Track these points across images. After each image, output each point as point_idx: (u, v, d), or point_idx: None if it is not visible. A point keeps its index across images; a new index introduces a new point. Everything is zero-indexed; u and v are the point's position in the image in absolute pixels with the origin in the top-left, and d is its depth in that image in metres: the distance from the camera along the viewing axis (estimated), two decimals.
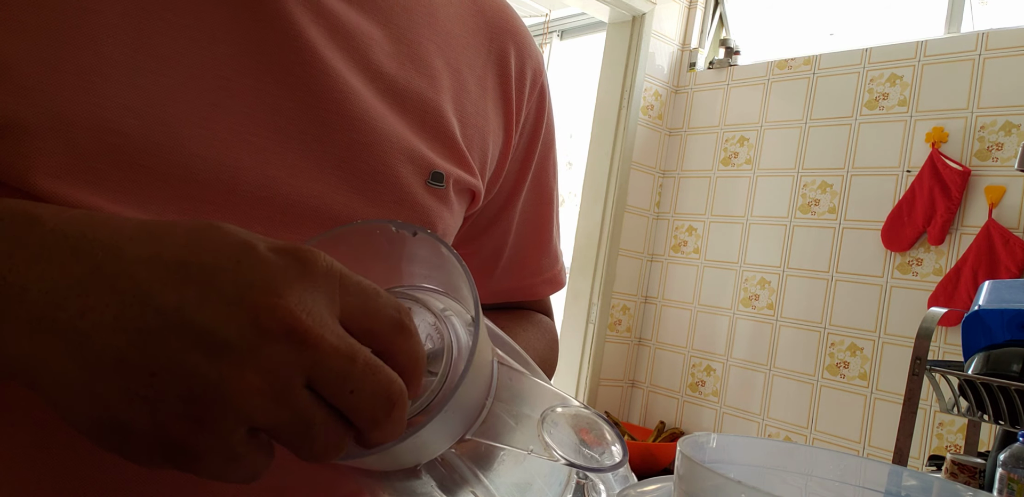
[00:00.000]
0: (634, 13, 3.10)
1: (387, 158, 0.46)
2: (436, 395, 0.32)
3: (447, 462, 0.33)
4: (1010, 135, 2.24)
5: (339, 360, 0.26)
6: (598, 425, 0.33)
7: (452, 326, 0.34)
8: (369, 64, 0.46)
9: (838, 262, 2.59)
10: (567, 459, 0.32)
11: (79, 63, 0.36)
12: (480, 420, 0.33)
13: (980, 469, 1.28)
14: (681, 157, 3.19)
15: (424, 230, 0.34)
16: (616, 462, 0.33)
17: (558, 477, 0.38)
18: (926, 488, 0.37)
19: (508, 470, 0.36)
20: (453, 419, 0.31)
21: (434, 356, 0.33)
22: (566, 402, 0.33)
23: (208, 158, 0.39)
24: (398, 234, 0.35)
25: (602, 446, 0.33)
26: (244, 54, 0.41)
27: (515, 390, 0.34)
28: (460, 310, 0.36)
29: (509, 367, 0.35)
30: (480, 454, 0.34)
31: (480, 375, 0.32)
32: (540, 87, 0.61)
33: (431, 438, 0.31)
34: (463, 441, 0.33)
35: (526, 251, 0.64)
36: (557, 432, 0.33)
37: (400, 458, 0.32)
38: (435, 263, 0.35)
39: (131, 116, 0.37)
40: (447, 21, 0.53)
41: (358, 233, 0.35)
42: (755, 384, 2.77)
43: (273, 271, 0.27)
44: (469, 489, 0.34)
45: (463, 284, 0.34)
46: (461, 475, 0.33)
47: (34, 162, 0.35)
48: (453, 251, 0.33)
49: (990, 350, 1.18)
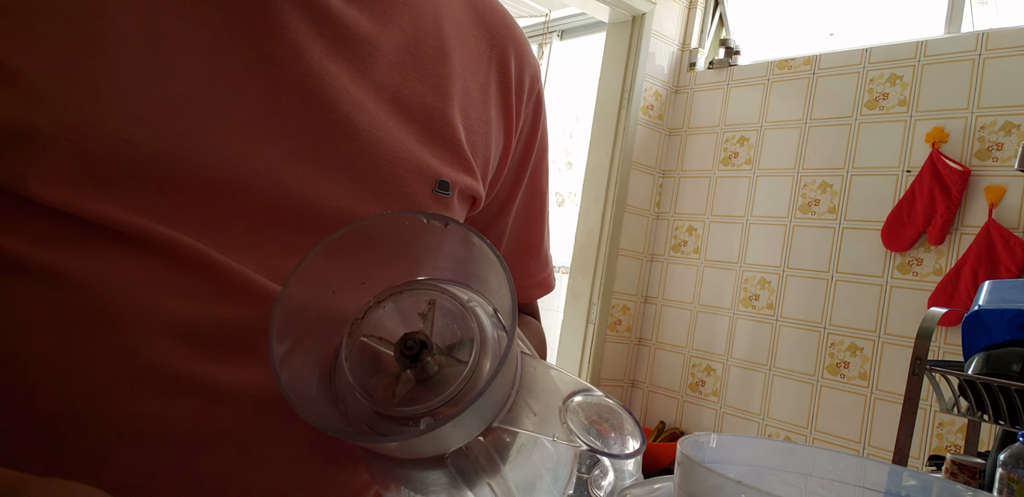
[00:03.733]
0: (634, 13, 3.10)
1: (394, 168, 0.46)
2: (466, 383, 0.32)
3: (472, 451, 0.33)
4: (1010, 135, 2.24)
5: None
6: (618, 414, 0.34)
7: (477, 317, 0.34)
8: (373, 75, 0.47)
9: (838, 262, 2.59)
10: (589, 445, 0.32)
11: (91, 72, 0.36)
12: (507, 409, 0.33)
13: (980, 469, 1.28)
14: (681, 157, 3.19)
15: (456, 221, 0.34)
16: (634, 450, 0.33)
17: (562, 472, 0.39)
18: (926, 488, 0.37)
19: (520, 464, 0.36)
20: (485, 407, 0.32)
21: (460, 346, 0.33)
22: (589, 391, 0.34)
23: (219, 167, 0.39)
24: (429, 225, 0.35)
25: (621, 435, 0.34)
26: (254, 64, 0.41)
27: (538, 379, 0.35)
28: (483, 302, 0.36)
29: (531, 357, 0.35)
30: (501, 443, 0.35)
31: (510, 365, 0.33)
32: (537, 93, 0.61)
33: (463, 426, 0.32)
34: (490, 430, 0.33)
35: (518, 255, 0.64)
36: (578, 420, 0.33)
37: (429, 445, 0.32)
38: (461, 255, 0.36)
39: (142, 126, 0.37)
40: (450, 29, 0.53)
41: (385, 224, 0.36)
42: (755, 384, 2.77)
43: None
44: (487, 480, 0.34)
45: (492, 274, 0.34)
46: (482, 464, 0.34)
47: (45, 170, 0.35)
48: (486, 240, 0.34)
49: (990, 350, 1.18)
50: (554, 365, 0.36)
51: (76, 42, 0.35)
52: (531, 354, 0.36)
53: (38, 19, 0.35)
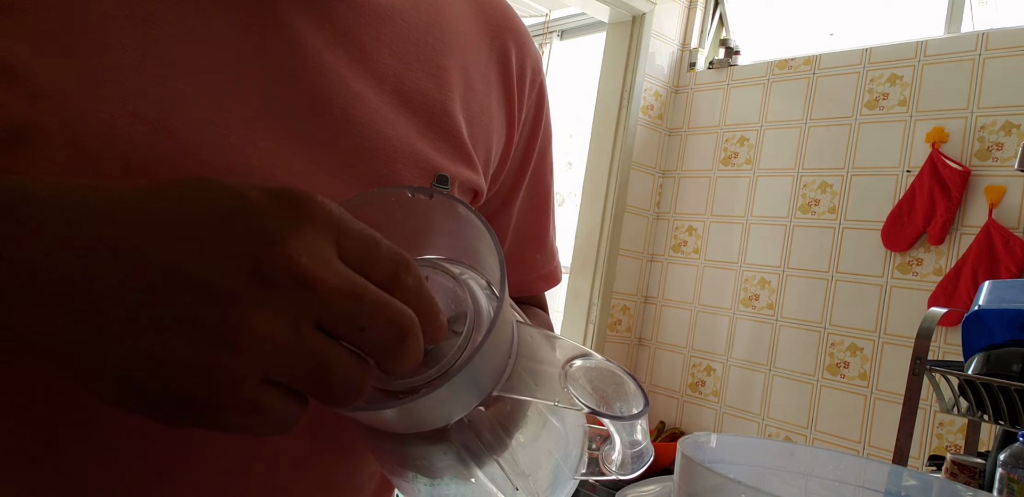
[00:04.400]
0: (634, 13, 3.10)
1: (391, 162, 0.46)
2: (462, 353, 0.32)
3: (474, 424, 0.33)
4: (1010, 135, 2.24)
5: (345, 300, 0.27)
6: (620, 377, 0.34)
7: (471, 289, 0.34)
8: (375, 67, 0.46)
9: (838, 262, 2.59)
10: (590, 407, 0.32)
11: (88, 70, 0.36)
12: (505, 376, 0.33)
13: (980, 469, 1.28)
14: (681, 157, 3.19)
15: (440, 192, 0.34)
16: (638, 412, 0.33)
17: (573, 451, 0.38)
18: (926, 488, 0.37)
19: (527, 443, 0.36)
20: (480, 373, 0.32)
21: (455, 319, 0.33)
22: (588, 355, 0.34)
23: (217, 164, 0.39)
24: (414, 199, 0.35)
25: (624, 397, 0.34)
26: (251, 59, 0.41)
27: (536, 346, 0.35)
28: (476, 276, 0.36)
29: (528, 325, 0.35)
30: (506, 416, 0.34)
31: (504, 331, 0.32)
32: (539, 85, 0.61)
33: (459, 392, 0.31)
34: (490, 400, 0.33)
35: (524, 248, 0.64)
36: (579, 384, 0.33)
37: (429, 414, 0.32)
38: (451, 229, 0.36)
39: (140, 122, 0.37)
40: (451, 20, 0.53)
41: (372, 203, 0.35)
42: (755, 384, 2.77)
43: (268, 218, 0.27)
44: (495, 457, 0.34)
45: (483, 244, 0.34)
46: (487, 439, 0.33)
47: (43, 168, 0.35)
48: (472, 210, 0.34)
49: (990, 350, 1.18)
50: (552, 332, 0.36)
51: (74, 40, 0.35)
52: (527, 322, 0.36)
53: (36, 17, 0.35)
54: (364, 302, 0.27)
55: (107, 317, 0.26)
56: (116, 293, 0.26)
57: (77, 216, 0.27)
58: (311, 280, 0.26)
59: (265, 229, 0.26)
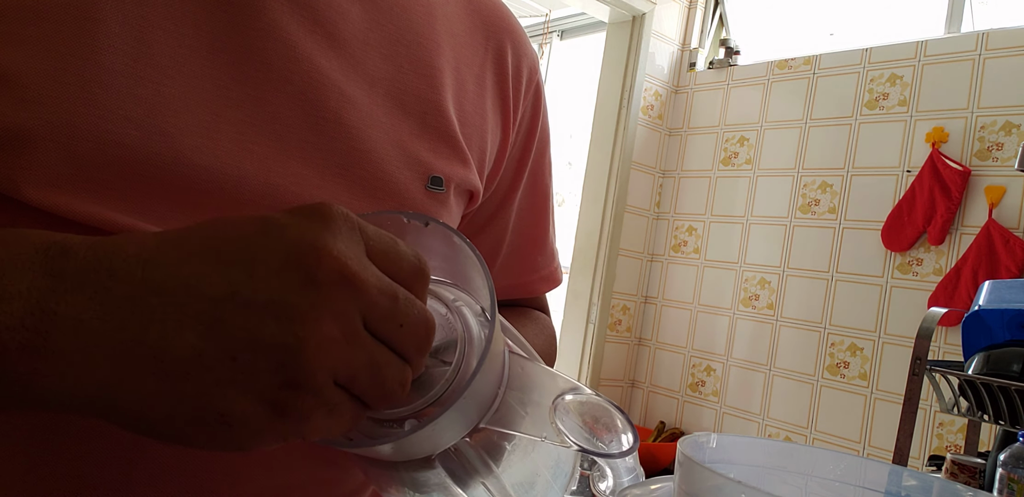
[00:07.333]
0: (634, 13, 3.10)
1: (385, 165, 0.46)
2: (450, 384, 0.32)
3: (460, 452, 0.33)
4: (1010, 135, 2.24)
5: (385, 297, 0.28)
6: (609, 412, 0.34)
7: (463, 317, 0.34)
8: (367, 69, 0.46)
9: (838, 262, 2.59)
10: (579, 445, 0.32)
11: (81, 74, 0.36)
12: (493, 409, 0.33)
13: (980, 469, 1.28)
14: (681, 157, 3.19)
15: (436, 220, 0.35)
16: (626, 449, 0.33)
17: (564, 468, 0.38)
18: (926, 488, 0.37)
19: (517, 462, 0.36)
20: (469, 408, 0.32)
21: (446, 347, 0.33)
22: (578, 390, 0.34)
23: (210, 168, 0.39)
24: (410, 224, 0.35)
25: (613, 433, 0.34)
26: (243, 63, 0.41)
27: (527, 378, 0.34)
28: (471, 301, 0.36)
29: (520, 356, 0.35)
30: (492, 444, 0.35)
31: (494, 364, 0.32)
32: (536, 85, 0.61)
33: (446, 427, 0.31)
34: (477, 430, 0.33)
35: (523, 249, 0.64)
36: (569, 419, 0.33)
37: (416, 447, 0.32)
38: (446, 254, 0.36)
39: (132, 127, 0.37)
40: (445, 20, 0.53)
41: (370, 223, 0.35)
42: (755, 384, 2.77)
43: (300, 228, 0.28)
44: (480, 480, 0.34)
45: (476, 273, 0.34)
46: (473, 466, 0.34)
47: (35, 173, 0.35)
48: (466, 240, 0.34)
49: (990, 350, 1.18)
50: (544, 365, 0.36)
51: (65, 45, 0.35)
52: (520, 353, 0.35)
53: (27, 23, 0.35)
54: (400, 300, 0.28)
55: (173, 359, 0.26)
56: (174, 334, 0.26)
57: (116, 266, 0.27)
58: (356, 280, 0.27)
59: (303, 238, 0.27)
